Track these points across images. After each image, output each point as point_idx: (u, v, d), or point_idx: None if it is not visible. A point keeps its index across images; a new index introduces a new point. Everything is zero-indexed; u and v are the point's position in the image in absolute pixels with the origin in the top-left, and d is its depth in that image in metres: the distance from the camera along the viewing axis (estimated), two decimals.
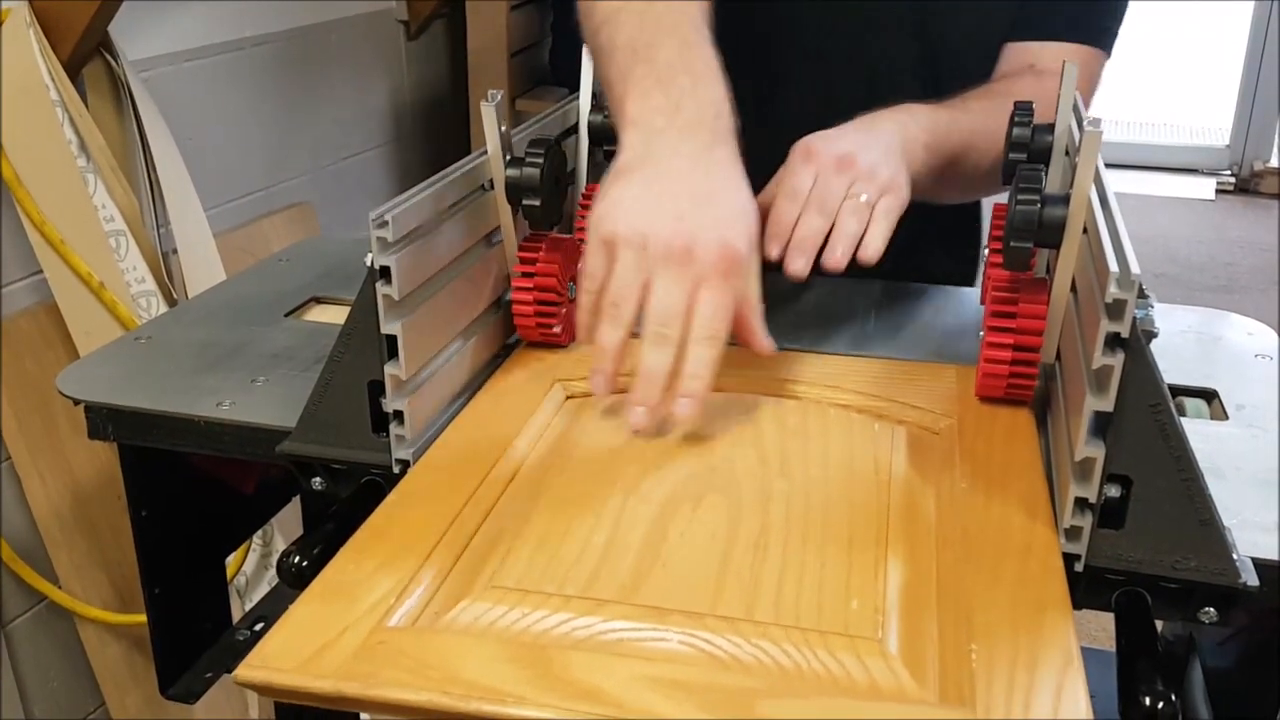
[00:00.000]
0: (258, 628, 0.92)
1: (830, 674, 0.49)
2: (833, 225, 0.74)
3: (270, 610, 0.94)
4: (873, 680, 0.49)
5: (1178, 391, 0.79)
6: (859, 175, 0.75)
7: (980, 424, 0.71)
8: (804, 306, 0.92)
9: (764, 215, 0.74)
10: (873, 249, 0.74)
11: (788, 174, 0.77)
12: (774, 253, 0.75)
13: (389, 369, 0.68)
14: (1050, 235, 0.67)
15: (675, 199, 0.67)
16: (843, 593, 0.55)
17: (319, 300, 0.97)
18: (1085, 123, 0.64)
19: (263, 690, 0.48)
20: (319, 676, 0.48)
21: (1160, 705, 0.52)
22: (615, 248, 0.67)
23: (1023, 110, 0.80)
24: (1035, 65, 0.97)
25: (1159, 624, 0.63)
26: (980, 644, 0.50)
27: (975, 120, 0.89)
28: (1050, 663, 0.49)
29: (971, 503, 0.62)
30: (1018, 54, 0.99)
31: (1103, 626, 0.60)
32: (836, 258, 0.73)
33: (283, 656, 0.49)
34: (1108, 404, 0.56)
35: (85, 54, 1.34)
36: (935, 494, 0.64)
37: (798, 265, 0.74)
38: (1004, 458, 0.67)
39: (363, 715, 0.69)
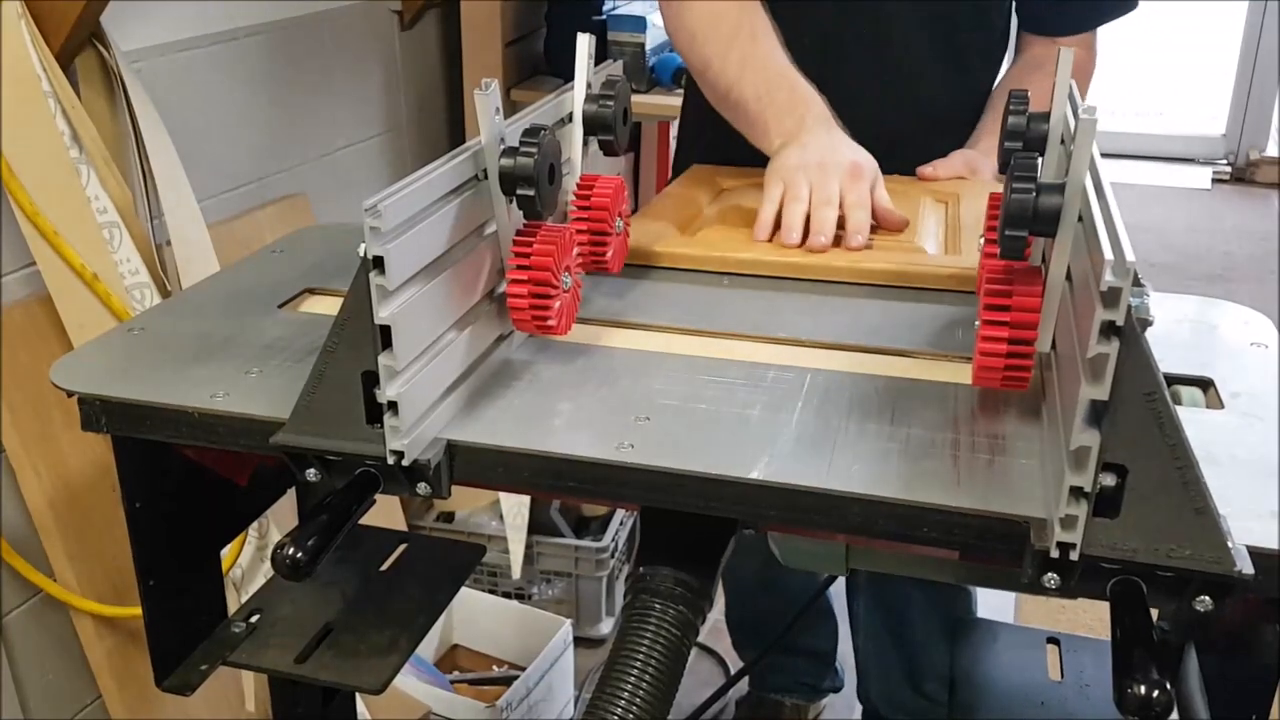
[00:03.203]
0: (253, 619, 0.92)
1: None
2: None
3: (265, 602, 0.94)
4: None
5: (1173, 380, 0.79)
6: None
7: None
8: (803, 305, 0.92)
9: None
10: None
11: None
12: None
13: (383, 359, 0.67)
14: (1045, 224, 0.67)
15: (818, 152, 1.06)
16: None
17: (313, 291, 0.96)
18: (1080, 110, 0.64)
19: None
20: None
21: (1155, 694, 0.52)
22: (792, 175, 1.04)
23: (1017, 98, 0.80)
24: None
25: (1154, 612, 0.63)
26: None
27: None
28: None
29: None
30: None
31: (1098, 615, 0.60)
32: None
33: None
34: (1103, 392, 0.56)
35: (77, 45, 1.34)
36: None
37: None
38: None
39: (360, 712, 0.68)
